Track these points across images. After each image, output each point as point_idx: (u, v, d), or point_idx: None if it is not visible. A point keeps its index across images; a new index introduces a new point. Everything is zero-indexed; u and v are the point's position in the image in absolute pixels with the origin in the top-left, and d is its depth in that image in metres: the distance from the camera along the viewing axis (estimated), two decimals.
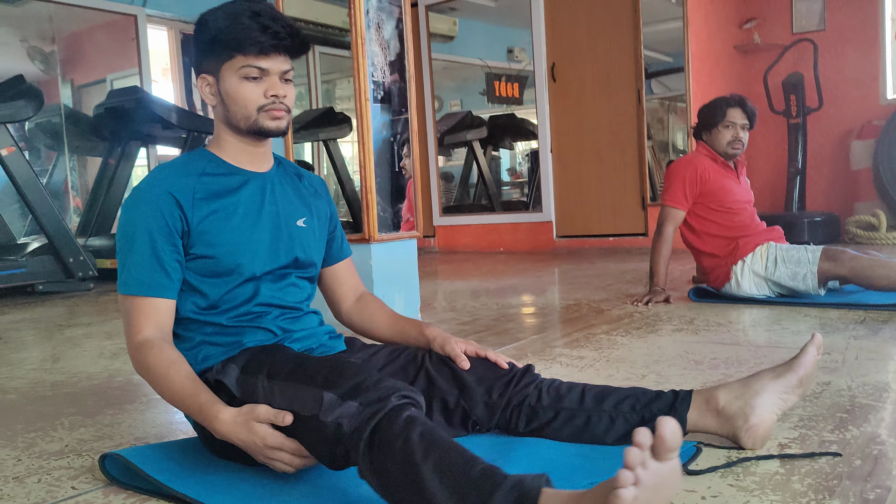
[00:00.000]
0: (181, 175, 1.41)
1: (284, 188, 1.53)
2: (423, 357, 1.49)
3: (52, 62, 6.87)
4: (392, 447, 1.04)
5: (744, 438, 1.35)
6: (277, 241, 1.47)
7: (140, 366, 1.35)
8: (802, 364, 1.40)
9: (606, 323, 2.75)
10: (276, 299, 1.47)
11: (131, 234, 1.37)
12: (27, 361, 2.61)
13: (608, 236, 5.93)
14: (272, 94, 1.40)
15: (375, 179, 2.77)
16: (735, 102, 3.16)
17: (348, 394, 1.13)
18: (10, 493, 1.35)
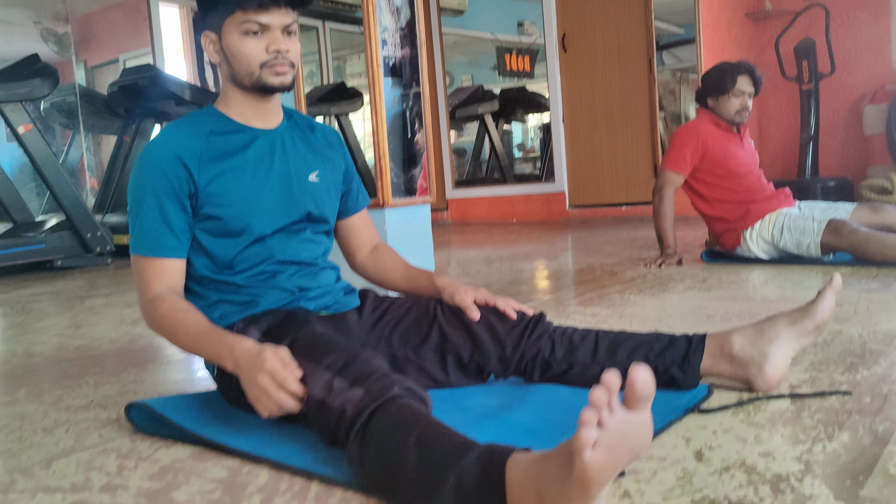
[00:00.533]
0: (188, 136, 1.42)
1: (295, 143, 1.53)
2: (436, 309, 1.50)
3: (66, 43, 6.90)
4: (380, 429, 1.02)
5: (757, 383, 1.36)
6: (288, 198, 1.47)
7: (153, 319, 1.37)
8: (819, 310, 1.39)
9: (619, 284, 2.77)
10: (291, 256, 1.49)
11: (140, 196, 1.39)
12: (50, 329, 2.66)
13: (621, 205, 5.92)
14: (274, 49, 1.39)
15: (388, 146, 2.79)
16: (744, 70, 3.13)
17: (356, 381, 1.12)
18: (39, 441, 1.39)
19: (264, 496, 1.06)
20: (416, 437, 0.97)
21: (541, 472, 0.84)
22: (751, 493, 0.97)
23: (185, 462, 1.23)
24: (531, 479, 0.85)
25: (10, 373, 2.01)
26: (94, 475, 1.19)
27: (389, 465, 0.98)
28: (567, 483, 0.79)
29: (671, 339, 1.42)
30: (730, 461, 1.08)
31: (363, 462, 1.03)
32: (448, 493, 0.89)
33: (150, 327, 1.40)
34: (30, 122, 4.53)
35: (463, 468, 0.90)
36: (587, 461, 0.76)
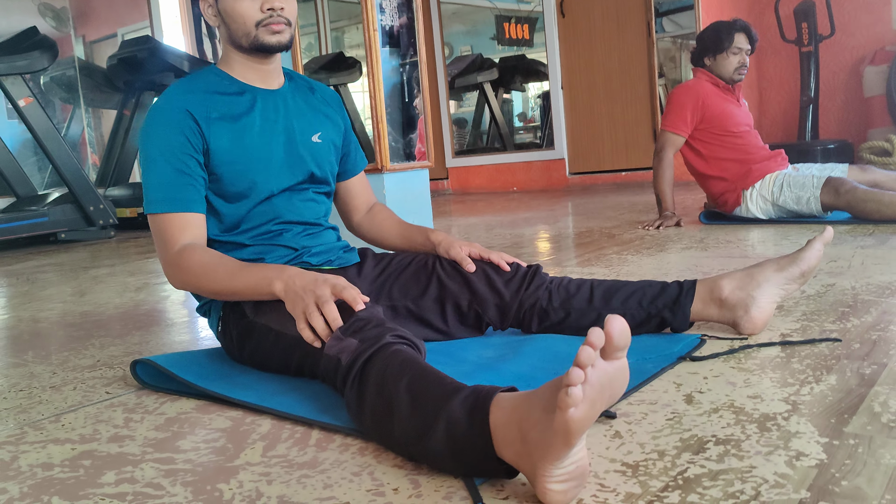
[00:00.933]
0: (195, 91, 1.43)
1: (298, 103, 1.54)
2: (434, 263, 1.52)
3: (64, 18, 6.87)
4: (373, 376, 1.04)
5: (743, 325, 1.41)
6: (292, 158, 1.49)
7: (184, 270, 1.34)
8: (807, 258, 1.42)
9: (617, 245, 2.79)
10: (296, 216, 1.51)
11: (154, 153, 1.39)
12: (55, 297, 2.70)
13: (621, 171, 5.93)
14: (268, 7, 1.39)
15: (386, 110, 2.80)
16: (740, 27, 3.12)
17: (352, 331, 1.14)
18: (47, 398, 1.43)
19: (267, 443, 1.10)
20: (407, 381, 0.99)
21: (523, 415, 0.86)
22: (738, 431, 1.00)
23: (190, 414, 1.26)
24: (514, 421, 0.86)
25: (18, 337, 2.05)
26: (102, 427, 1.23)
27: (383, 410, 1.00)
28: (549, 431, 0.81)
29: (663, 285, 1.47)
30: (719, 403, 1.11)
31: (360, 408, 1.05)
32: (439, 435, 0.91)
33: (177, 283, 1.38)
34: (30, 95, 4.53)
35: (450, 411, 0.91)
36: (569, 416, 0.78)
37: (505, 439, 0.87)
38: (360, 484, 0.93)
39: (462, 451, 0.90)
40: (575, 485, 0.84)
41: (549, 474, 0.82)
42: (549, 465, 0.82)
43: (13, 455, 1.13)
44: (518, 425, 0.86)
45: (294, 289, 1.23)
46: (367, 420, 1.04)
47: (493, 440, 0.88)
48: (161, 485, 0.98)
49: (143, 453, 1.10)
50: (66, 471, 1.05)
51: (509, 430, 0.86)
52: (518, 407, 0.87)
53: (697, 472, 0.89)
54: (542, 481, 0.83)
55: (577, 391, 0.77)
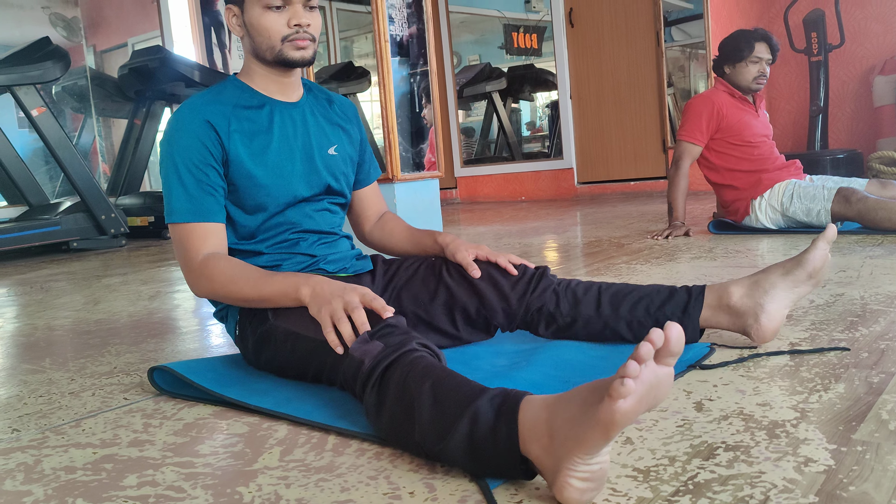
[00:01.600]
0: (216, 103, 1.45)
1: (316, 117, 1.56)
2: (441, 268, 1.53)
3: (75, 27, 6.94)
4: (395, 380, 1.06)
5: (754, 333, 1.41)
6: (310, 171, 1.52)
7: (209, 279, 1.37)
8: (811, 259, 1.40)
9: (626, 255, 2.81)
10: (312, 225, 1.54)
11: (174, 163, 1.41)
12: (70, 305, 2.73)
13: (629, 181, 5.94)
14: (295, 23, 1.42)
15: (397, 120, 2.83)
16: (761, 37, 3.13)
17: (377, 335, 1.17)
18: (67, 404, 1.45)
19: (284, 448, 1.12)
20: (431, 384, 1.01)
21: (555, 412, 0.88)
22: (747, 437, 1.02)
23: (208, 420, 1.28)
24: (543, 419, 0.89)
25: (34, 344, 2.08)
26: (122, 432, 1.25)
27: (404, 412, 1.02)
28: (587, 424, 0.83)
29: (671, 291, 1.46)
30: (728, 410, 1.13)
31: (380, 411, 1.07)
32: (461, 433, 0.93)
33: (200, 291, 1.41)
34: (43, 104, 4.59)
35: (477, 409, 0.93)
36: (617, 407, 0.79)
37: (532, 435, 0.89)
38: (376, 488, 0.95)
39: (483, 447, 0.92)
40: (594, 486, 0.85)
41: (575, 469, 0.84)
42: (577, 459, 0.83)
43: (36, 459, 1.16)
44: (548, 422, 0.88)
45: (322, 294, 1.26)
46: (385, 422, 1.06)
47: (518, 438, 0.90)
48: (182, 488, 1.00)
49: (163, 457, 1.12)
50: (88, 474, 1.07)
51: (538, 427, 0.89)
52: (550, 406, 0.90)
53: (707, 477, 0.91)
54: (565, 476, 0.84)
55: (631, 383, 0.78)
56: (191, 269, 1.40)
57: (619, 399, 0.79)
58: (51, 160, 5.91)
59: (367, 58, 8.45)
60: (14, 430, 1.31)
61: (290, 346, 1.34)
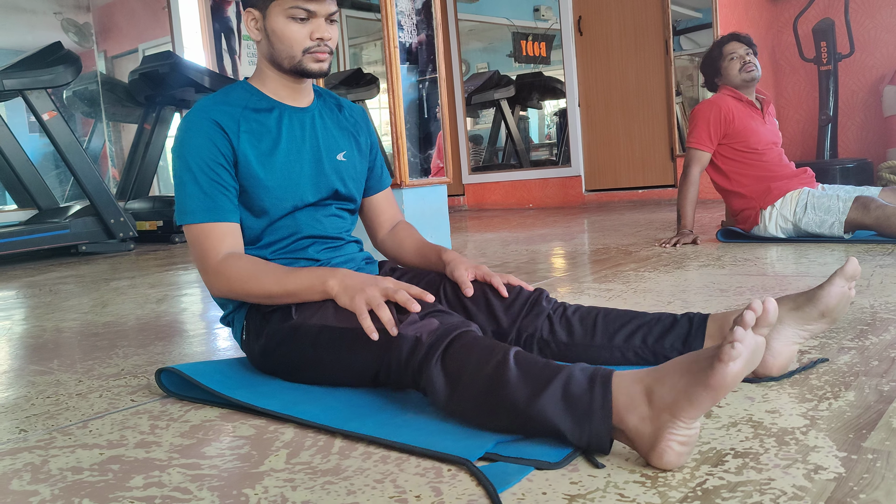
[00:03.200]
0: (225, 104, 1.46)
1: (325, 122, 1.57)
2: (440, 284, 1.53)
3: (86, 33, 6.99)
4: (464, 353, 1.12)
5: (758, 370, 1.28)
6: (318, 176, 1.52)
7: (230, 278, 1.38)
8: (824, 296, 1.26)
9: (634, 262, 2.80)
10: (318, 231, 1.53)
11: (187, 163, 1.41)
12: (78, 307, 2.74)
13: (637, 188, 5.94)
14: (318, 36, 1.43)
15: (406, 126, 2.83)
16: (727, 38, 3.23)
17: (428, 313, 1.21)
18: (74, 405, 1.45)
19: (291, 451, 1.12)
20: (514, 355, 1.07)
21: (652, 384, 0.96)
22: (756, 444, 1.01)
23: (214, 422, 1.28)
24: (639, 392, 0.96)
25: (43, 346, 2.08)
26: (129, 433, 1.25)
27: (489, 379, 1.06)
28: (696, 388, 0.91)
29: (673, 321, 1.37)
30: (737, 417, 1.12)
31: (456, 381, 1.11)
32: (556, 389, 0.99)
33: (220, 290, 1.40)
34: (54, 108, 4.61)
35: (570, 374, 1.01)
36: (728, 370, 0.88)
37: (629, 404, 0.96)
38: (382, 491, 0.95)
39: (579, 404, 0.98)
40: (688, 450, 0.94)
41: (676, 432, 0.92)
42: (681, 424, 0.92)
43: (43, 459, 1.16)
44: (645, 393, 0.96)
45: (353, 284, 1.28)
46: (464, 391, 1.09)
47: (613, 406, 0.97)
48: (188, 489, 1.00)
49: (169, 459, 1.12)
50: (95, 474, 1.07)
51: (635, 397, 0.96)
52: (642, 379, 0.98)
53: (716, 483, 0.90)
54: (666, 440, 0.93)
55: (740, 346, 0.88)
56: (209, 269, 1.40)
57: (730, 362, 0.88)
58: (61, 164, 5.94)
59: (375, 65, 8.48)
60: (21, 431, 1.31)
61: (324, 342, 1.31)
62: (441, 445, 1.05)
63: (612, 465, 0.97)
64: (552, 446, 1.02)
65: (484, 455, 1.02)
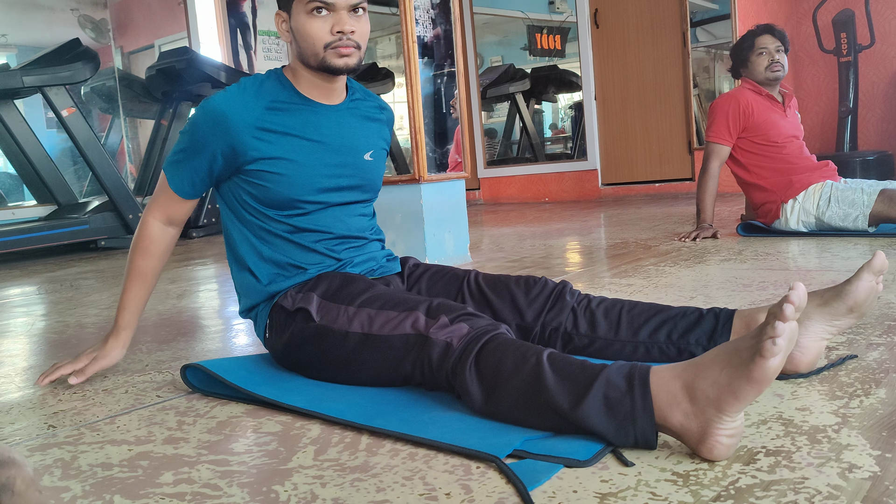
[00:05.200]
0: (249, 101, 1.45)
1: (355, 121, 1.56)
2: (464, 278, 1.54)
3: (103, 29, 7.02)
4: (497, 357, 1.12)
5: (786, 366, 1.27)
6: (342, 176, 1.52)
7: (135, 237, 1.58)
8: (852, 291, 1.25)
9: (654, 257, 2.79)
10: (343, 230, 1.54)
11: (189, 133, 1.47)
12: (99, 303, 2.76)
13: (654, 182, 5.90)
14: (338, 30, 1.41)
15: (424, 120, 2.82)
16: (762, 30, 3.15)
17: (457, 318, 1.22)
18: (101, 401, 1.46)
19: (318, 447, 1.12)
20: (547, 358, 1.07)
21: (692, 379, 0.97)
22: (788, 442, 1.00)
23: (241, 418, 1.29)
24: (679, 388, 0.97)
25: (66, 341, 2.10)
26: (156, 429, 1.26)
27: (526, 383, 1.07)
28: (739, 382, 0.93)
29: (699, 316, 1.36)
30: (767, 415, 1.11)
31: (492, 386, 1.11)
32: (596, 396, 1.00)
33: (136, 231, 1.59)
34: (73, 105, 4.64)
35: (608, 376, 1.01)
36: (769, 364, 0.90)
37: (670, 401, 0.97)
38: (412, 488, 0.95)
39: (620, 409, 0.99)
40: (736, 441, 0.96)
41: (724, 426, 0.94)
42: (726, 417, 0.94)
43: (73, 455, 1.16)
44: (686, 389, 0.97)
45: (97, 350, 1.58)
46: (502, 395, 1.10)
47: (654, 405, 0.98)
48: (218, 486, 1.00)
49: (198, 455, 1.12)
50: (125, 471, 1.08)
51: (676, 394, 0.97)
52: (681, 375, 0.98)
53: (749, 482, 0.89)
54: (714, 435, 0.94)
55: (781, 342, 0.90)
56: (145, 210, 1.58)
57: (771, 357, 0.90)
58: (79, 160, 5.98)
59: (389, 59, 8.47)
60: (50, 427, 1.32)
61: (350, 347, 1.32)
62: (469, 442, 1.05)
63: (643, 464, 0.97)
64: (581, 443, 1.01)
65: (512, 452, 1.02)
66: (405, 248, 2.82)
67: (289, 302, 1.45)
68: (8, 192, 6.10)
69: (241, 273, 1.56)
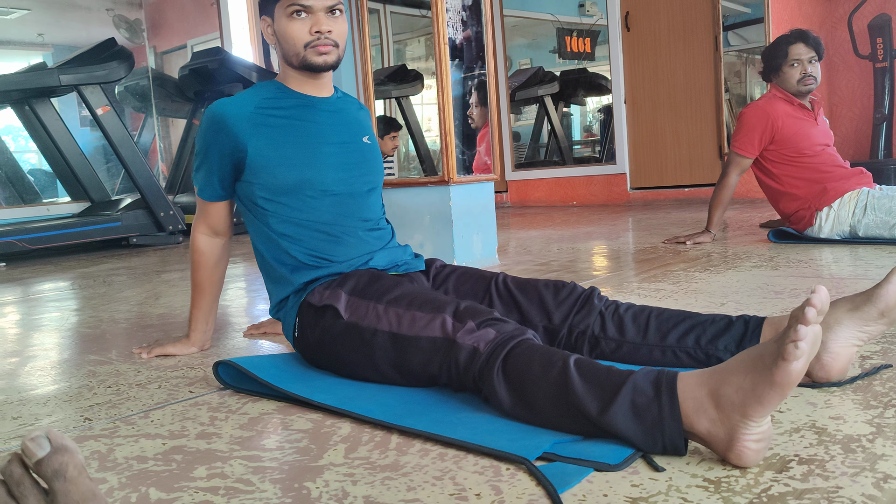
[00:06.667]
0: (242, 102, 1.56)
1: (347, 111, 1.66)
2: (491, 280, 1.55)
3: (137, 29, 7.12)
4: (524, 362, 1.13)
5: (816, 373, 1.26)
6: (347, 154, 1.60)
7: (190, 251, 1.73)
8: (884, 295, 1.24)
9: (684, 262, 2.77)
10: (356, 214, 1.60)
11: (199, 142, 1.60)
12: (132, 299, 2.80)
13: (684, 187, 5.86)
14: (316, 30, 1.52)
15: (454, 122, 2.83)
16: (795, 37, 3.06)
17: (483, 322, 1.23)
18: (135, 395, 1.49)
19: (349, 445, 1.13)
20: (574, 363, 1.08)
21: (717, 385, 0.97)
22: (821, 451, 0.99)
23: (272, 415, 1.30)
24: (705, 394, 0.97)
25: (100, 336, 2.13)
26: (189, 424, 1.28)
27: (549, 389, 1.07)
28: (763, 387, 0.92)
29: (728, 322, 1.35)
30: (800, 423, 1.10)
31: (513, 393, 1.12)
32: (623, 402, 1.00)
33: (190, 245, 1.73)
34: (107, 103, 4.71)
35: (635, 382, 1.01)
36: (792, 368, 0.90)
37: (697, 408, 0.97)
38: (442, 488, 0.96)
39: (647, 415, 0.99)
40: (765, 445, 0.96)
41: (750, 432, 0.94)
42: (752, 423, 0.93)
43: (109, 448, 1.19)
44: (712, 395, 0.97)
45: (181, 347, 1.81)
46: (524, 401, 1.11)
47: (681, 412, 0.98)
48: (251, 481, 1.02)
49: (230, 450, 1.14)
50: (159, 464, 1.10)
51: (702, 401, 0.97)
52: (706, 381, 0.98)
53: (782, 490, 0.89)
54: (742, 440, 0.94)
55: (804, 345, 0.90)
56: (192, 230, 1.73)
57: (794, 361, 0.90)
58: (112, 158, 6.07)
59: (418, 61, 8.49)
60: (86, 420, 1.35)
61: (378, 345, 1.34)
62: (499, 444, 1.05)
63: (673, 469, 0.97)
64: (611, 447, 1.01)
65: (542, 455, 1.02)
66: (433, 250, 2.83)
67: (316, 298, 1.47)
68: (43, 189, 6.21)
69: (267, 271, 1.61)
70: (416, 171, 7.34)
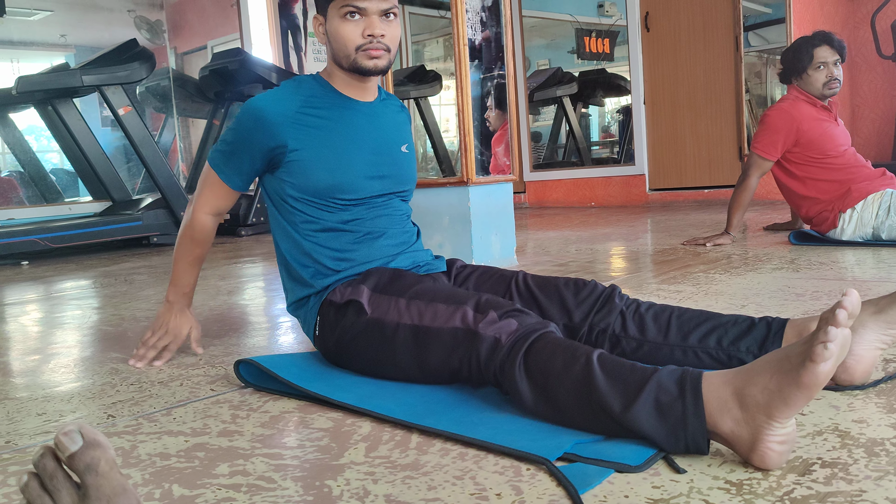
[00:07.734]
0: (286, 98, 1.54)
1: (388, 116, 1.65)
2: (512, 279, 1.55)
3: (157, 30, 7.18)
4: (546, 355, 1.13)
5: (839, 376, 1.25)
6: (380, 165, 1.58)
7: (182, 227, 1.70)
8: None
9: (704, 263, 2.75)
10: (384, 222, 1.59)
11: (233, 130, 1.57)
12: (153, 297, 2.82)
13: (703, 188, 5.83)
14: (369, 33, 1.49)
15: (473, 123, 2.83)
16: (820, 40, 3.03)
17: (506, 314, 1.23)
18: (157, 393, 1.50)
19: (369, 444, 1.13)
20: (597, 358, 1.07)
21: (742, 386, 0.96)
22: (844, 454, 0.99)
23: (293, 413, 1.31)
24: (730, 394, 0.96)
25: (122, 334, 2.15)
26: (211, 422, 1.29)
27: (572, 385, 1.07)
28: (790, 388, 0.92)
29: (750, 324, 1.34)
30: (822, 426, 1.09)
31: (535, 387, 1.12)
32: (647, 400, 1.00)
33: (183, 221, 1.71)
34: (129, 104, 4.76)
35: (659, 380, 1.01)
36: (820, 370, 0.89)
37: (721, 408, 0.97)
38: (462, 488, 0.96)
39: (671, 413, 0.99)
40: (789, 447, 0.95)
41: (774, 433, 0.93)
42: (777, 424, 0.93)
43: (132, 444, 1.20)
44: (736, 395, 0.96)
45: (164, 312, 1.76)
46: (545, 395, 1.11)
47: (706, 412, 0.97)
48: (272, 479, 1.02)
49: (252, 448, 1.15)
50: (182, 461, 1.11)
51: (726, 401, 0.97)
52: (731, 381, 0.98)
53: (805, 493, 0.88)
54: (766, 442, 0.93)
55: (833, 346, 0.89)
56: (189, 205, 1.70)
57: (822, 362, 0.89)
58: (132, 157, 6.13)
59: (436, 62, 8.50)
60: (109, 416, 1.36)
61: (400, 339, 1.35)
62: (519, 444, 1.05)
63: (695, 471, 0.96)
64: (632, 448, 1.01)
65: (562, 455, 1.02)
66: (452, 250, 2.84)
67: (338, 296, 1.48)
68: (65, 188, 6.28)
69: (287, 269, 1.61)
70: (434, 172, 7.35)
